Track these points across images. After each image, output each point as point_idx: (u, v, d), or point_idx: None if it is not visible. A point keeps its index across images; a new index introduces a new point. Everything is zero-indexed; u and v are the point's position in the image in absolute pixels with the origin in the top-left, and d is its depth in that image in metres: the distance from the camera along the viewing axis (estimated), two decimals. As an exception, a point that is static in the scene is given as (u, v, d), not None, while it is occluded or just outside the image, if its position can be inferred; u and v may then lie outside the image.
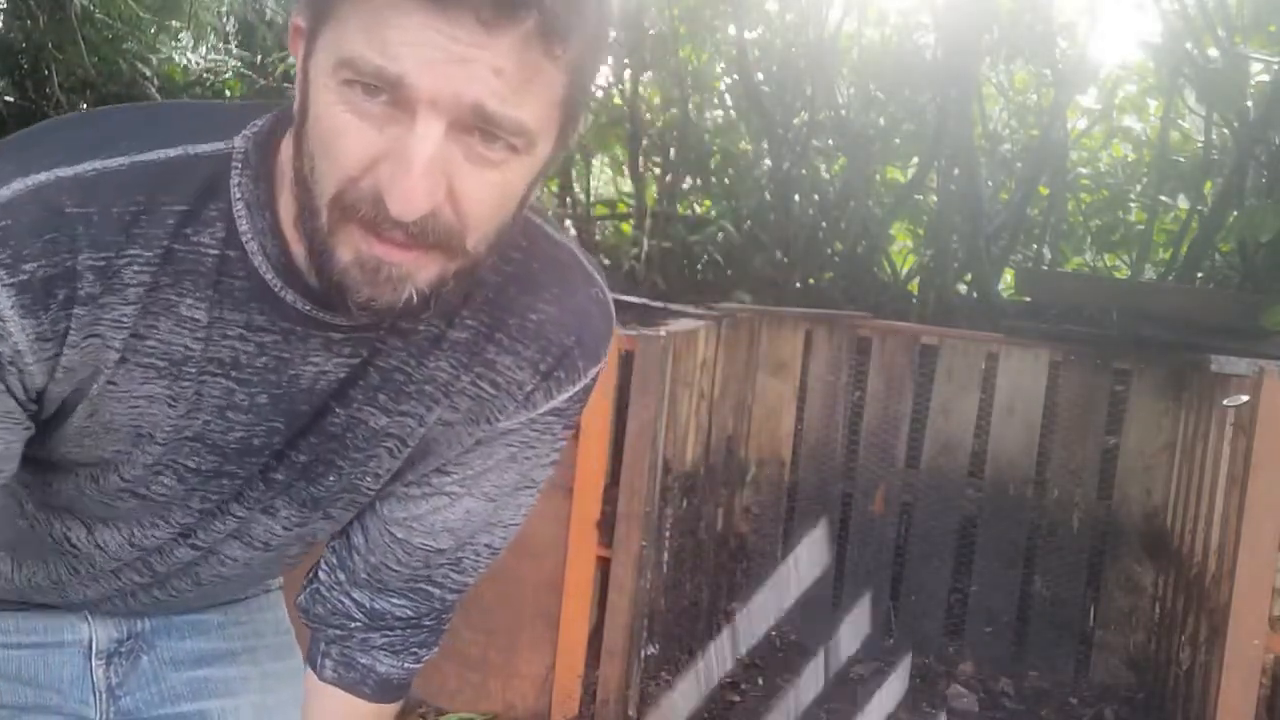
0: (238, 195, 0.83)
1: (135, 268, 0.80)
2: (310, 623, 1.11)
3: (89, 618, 1.12)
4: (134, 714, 1.14)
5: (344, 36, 0.71)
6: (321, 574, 1.09)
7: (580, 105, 0.79)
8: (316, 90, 0.74)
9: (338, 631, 1.09)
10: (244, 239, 0.83)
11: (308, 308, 0.85)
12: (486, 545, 1.06)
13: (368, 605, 1.07)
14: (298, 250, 0.82)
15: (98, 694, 1.13)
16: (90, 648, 1.12)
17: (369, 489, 0.99)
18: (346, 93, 0.72)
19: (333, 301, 0.81)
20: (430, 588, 1.07)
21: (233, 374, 0.87)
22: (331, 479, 0.96)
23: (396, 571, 1.05)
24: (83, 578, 1.03)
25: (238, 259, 0.83)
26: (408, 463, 0.98)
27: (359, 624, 1.08)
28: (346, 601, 1.07)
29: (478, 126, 0.72)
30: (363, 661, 1.08)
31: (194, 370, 0.85)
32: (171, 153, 0.82)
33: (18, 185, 0.77)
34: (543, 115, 0.75)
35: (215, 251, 0.82)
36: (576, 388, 0.99)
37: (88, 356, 0.82)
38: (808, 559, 3.64)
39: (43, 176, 0.78)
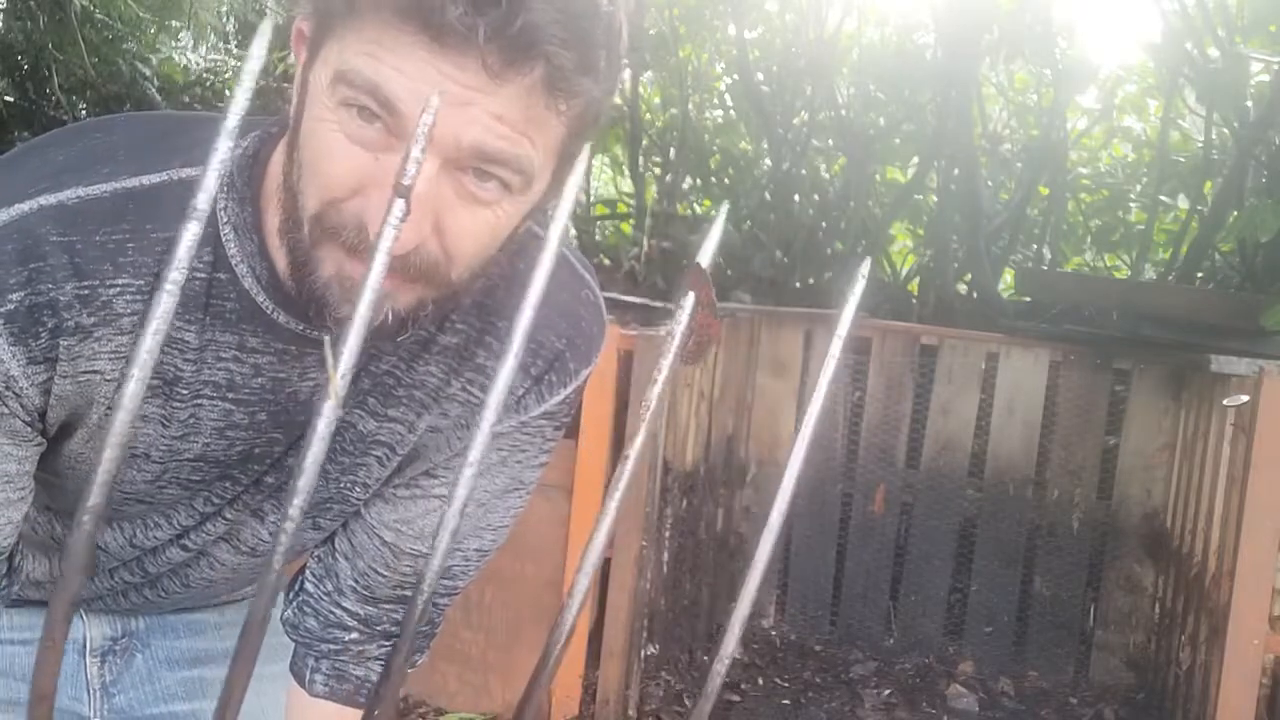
0: (224, 219, 0.82)
1: (127, 297, 0.79)
2: (300, 638, 1.08)
3: (83, 615, 1.11)
4: (128, 712, 1.14)
5: (346, 57, 0.70)
6: (309, 585, 1.07)
7: (578, 152, 0.78)
8: (313, 104, 0.74)
9: (331, 646, 1.06)
10: (233, 262, 0.82)
11: (301, 328, 0.85)
12: (477, 549, 1.04)
13: (361, 614, 1.05)
14: (286, 271, 0.82)
15: (91, 691, 1.13)
16: (84, 645, 1.12)
17: (357, 499, 0.99)
18: (342, 113, 0.71)
19: (310, 313, 0.80)
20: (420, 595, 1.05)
21: (229, 395, 0.87)
22: (319, 484, 0.95)
23: (384, 577, 1.03)
24: None
25: (228, 281, 0.83)
26: (396, 468, 0.98)
27: (355, 635, 1.05)
28: (339, 612, 1.05)
29: (472, 165, 0.71)
30: (356, 674, 1.06)
31: (187, 393, 0.85)
32: (155, 178, 0.82)
33: (1, 214, 0.77)
34: (540, 159, 0.74)
35: (203, 275, 0.82)
36: (568, 390, 0.98)
37: (84, 389, 0.82)
38: (808, 559, 3.64)
39: (26, 206, 0.77)
